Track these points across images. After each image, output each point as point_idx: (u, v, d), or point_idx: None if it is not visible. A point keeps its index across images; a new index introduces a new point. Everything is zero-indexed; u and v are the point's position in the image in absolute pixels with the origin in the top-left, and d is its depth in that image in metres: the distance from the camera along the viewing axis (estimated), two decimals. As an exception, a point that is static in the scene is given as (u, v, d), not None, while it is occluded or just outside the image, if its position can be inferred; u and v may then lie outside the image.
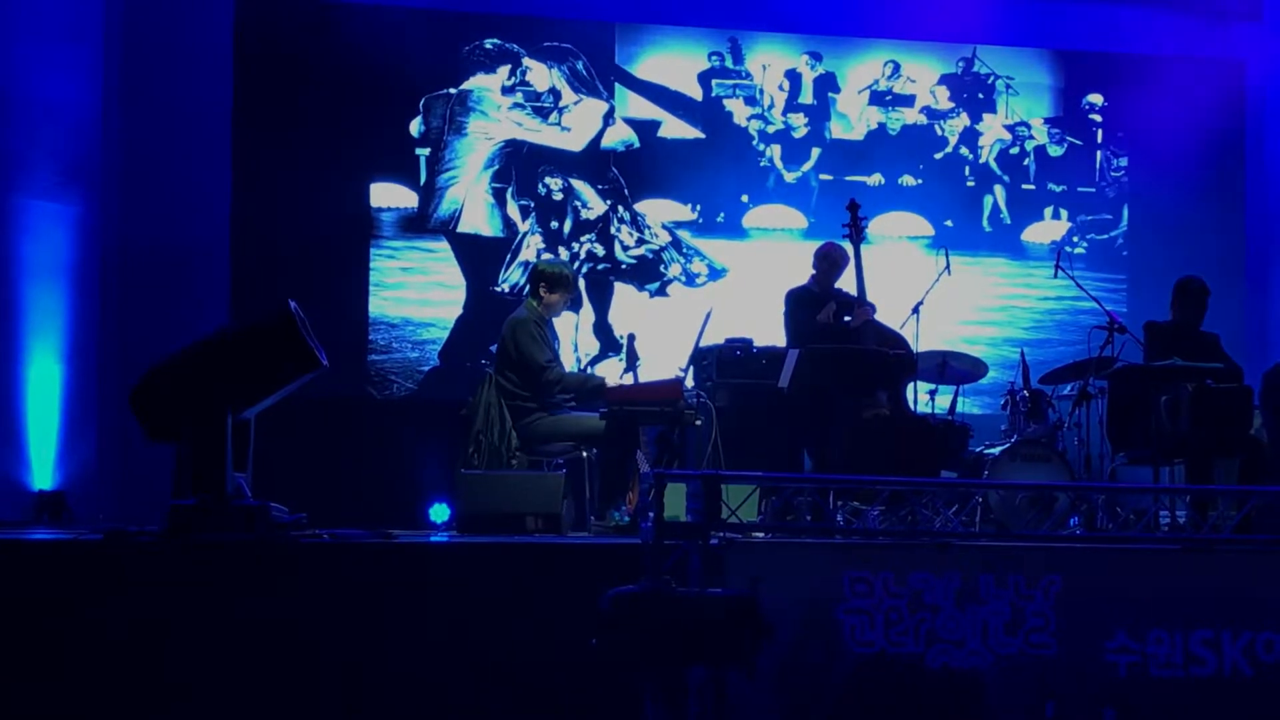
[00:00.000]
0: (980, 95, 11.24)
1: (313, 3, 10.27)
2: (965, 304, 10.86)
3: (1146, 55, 11.22)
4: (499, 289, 10.47)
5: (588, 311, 10.52)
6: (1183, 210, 11.18)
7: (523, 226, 10.57)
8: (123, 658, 5.78)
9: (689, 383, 8.17)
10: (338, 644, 5.90)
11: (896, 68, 11.13)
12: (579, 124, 10.69)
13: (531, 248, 10.52)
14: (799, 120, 10.99)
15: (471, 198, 10.53)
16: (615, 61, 10.80)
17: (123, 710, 5.78)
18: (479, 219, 10.54)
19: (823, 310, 8.29)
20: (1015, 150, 11.27)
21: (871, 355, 8.02)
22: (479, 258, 10.52)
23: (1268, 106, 11.27)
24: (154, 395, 6.31)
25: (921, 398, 8.74)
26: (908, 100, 11.15)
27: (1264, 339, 10.86)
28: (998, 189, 11.22)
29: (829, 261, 8.55)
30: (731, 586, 5.64)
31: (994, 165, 11.23)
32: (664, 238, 10.74)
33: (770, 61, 11.00)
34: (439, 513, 7.58)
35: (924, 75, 11.17)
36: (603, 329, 10.55)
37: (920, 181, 11.08)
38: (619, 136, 10.75)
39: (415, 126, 10.47)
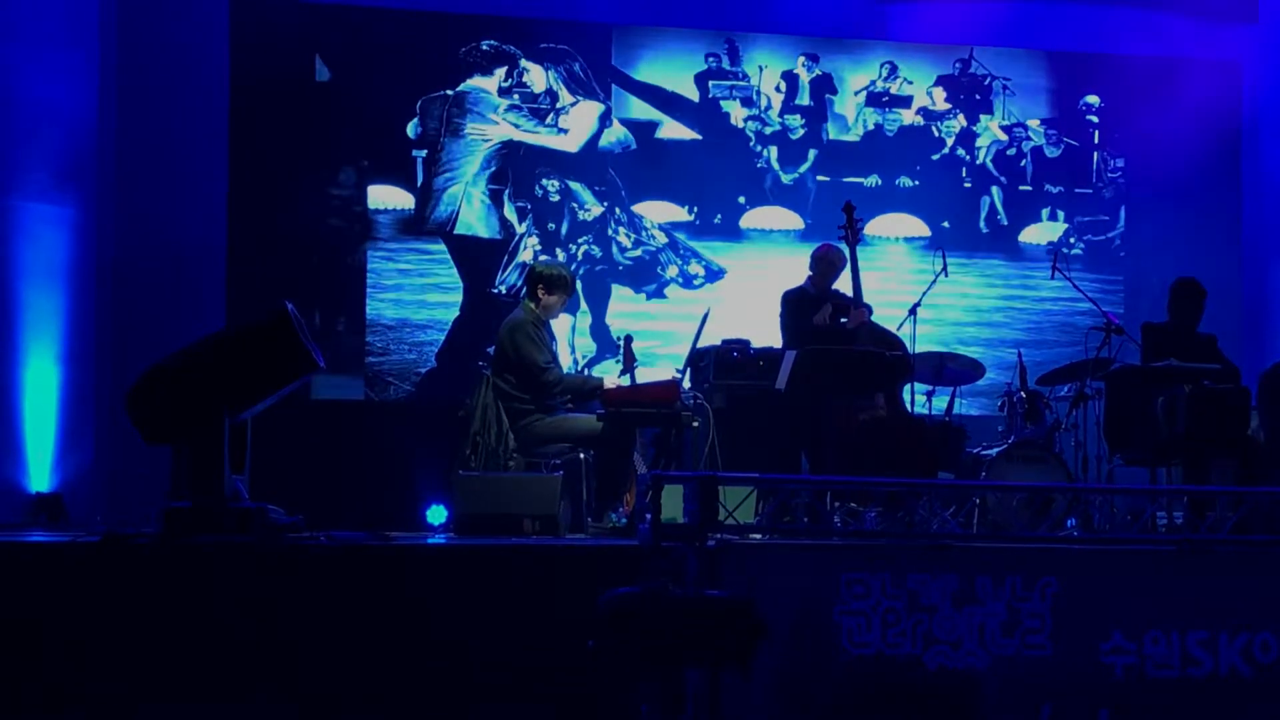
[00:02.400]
0: (977, 96, 11.23)
1: (308, 4, 10.25)
2: (962, 305, 10.85)
3: (1143, 56, 11.20)
4: (496, 291, 10.46)
5: (585, 313, 10.52)
6: (1179, 212, 11.16)
7: (520, 228, 10.56)
8: (119, 660, 5.78)
9: (686, 384, 8.18)
10: (334, 646, 5.90)
11: (893, 69, 11.13)
12: (576, 125, 10.69)
13: (529, 249, 10.51)
14: (796, 122, 10.98)
15: (468, 199, 10.52)
16: (612, 63, 10.79)
17: (119, 712, 5.77)
18: (476, 221, 10.53)
19: (819, 312, 8.30)
20: (1012, 151, 11.26)
21: (868, 357, 8.02)
22: (476, 259, 10.50)
23: (1263, 108, 11.26)
24: (151, 397, 6.32)
25: (919, 399, 8.73)
26: (904, 101, 11.15)
27: (1260, 340, 10.85)
28: (994, 190, 11.21)
29: (826, 263, 8.57)
30: (728, 588, 5.65)
31: (991, 166, 11.23)
32: (661, 239, 10.73)
33: (767, 63, 10.99)
34: (436, 515, 7.56)
35: (921, 77, 11.16)
36: (600, 331, 10.54)
37: (917, 183, 11.07)
38: (616, 138, 10.74)
39: (412, 128, 10.45)
